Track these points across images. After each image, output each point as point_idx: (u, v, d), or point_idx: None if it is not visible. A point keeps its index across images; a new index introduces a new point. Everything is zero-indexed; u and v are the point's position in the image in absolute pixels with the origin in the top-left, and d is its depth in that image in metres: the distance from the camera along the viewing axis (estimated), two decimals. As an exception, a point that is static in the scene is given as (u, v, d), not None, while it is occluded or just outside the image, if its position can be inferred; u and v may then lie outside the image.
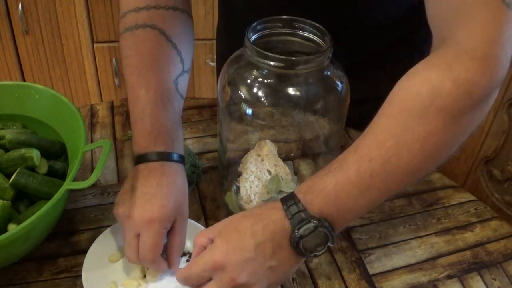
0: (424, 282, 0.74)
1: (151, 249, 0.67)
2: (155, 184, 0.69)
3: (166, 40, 0.78)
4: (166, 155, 0.72)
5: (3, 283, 0.71)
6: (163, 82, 0.76)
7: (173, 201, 0.69)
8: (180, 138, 0.75)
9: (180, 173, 0.73)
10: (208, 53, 1.88)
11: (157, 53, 0.77)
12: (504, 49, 0.58)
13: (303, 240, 0.59)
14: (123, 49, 0.79)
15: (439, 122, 0.58)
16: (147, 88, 0.74)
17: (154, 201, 0.68)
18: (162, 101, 0.74)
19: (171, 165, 0.72)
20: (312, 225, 0.58)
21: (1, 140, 0.78)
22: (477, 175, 1.60)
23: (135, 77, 0.76)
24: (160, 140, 0.72)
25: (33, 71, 1.93)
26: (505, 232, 0.82)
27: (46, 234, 0.74)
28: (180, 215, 0.71)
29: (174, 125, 0.74)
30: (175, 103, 0.76)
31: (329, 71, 0.72)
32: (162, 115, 0.74)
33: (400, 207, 0.85)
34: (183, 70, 0.80)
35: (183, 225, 0.72)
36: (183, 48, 0.80)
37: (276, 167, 0.77)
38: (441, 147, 0.60)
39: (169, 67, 0.77)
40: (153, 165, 0.71)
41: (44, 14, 1.79)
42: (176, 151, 0.73)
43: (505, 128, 1.48)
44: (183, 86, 0.80)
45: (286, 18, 0.72)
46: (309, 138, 0.79)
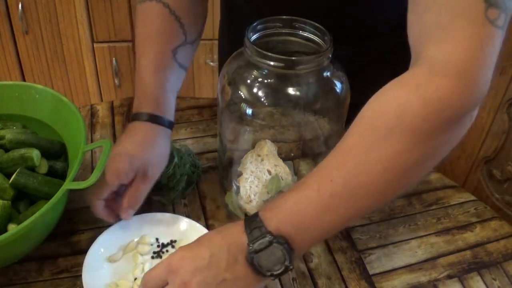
0: (424, 282, 0.74)
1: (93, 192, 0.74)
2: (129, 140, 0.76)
3: (170, 13, 0.82)
4: (151, 116, 0.77)
5: (3, 283, 0.72)
6: (161, 52, 0.81)
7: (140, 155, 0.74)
8: (169, 103, 0.80)
9: (159, 133, 0.77)
10: (208, 53, 1.88)
11: (159, 24, 0.82)
12: (483, 67, 0.53)
13: (258, 256, 0.58)
14: (135, 20, 0.85)
15: (404, 143, 0.54)
16: (144, 57, 0.81)
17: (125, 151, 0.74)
18: (155, 70, 0.80)
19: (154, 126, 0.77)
20: (266, 239, 0.57)
21: (1, 140, 0.78)
22: (477, 175, 1.60)
23: (139, 46, 0.83)
24: (146, 103, 0.78)
25: (33, 71, 1.93)
26: (505, 232, 0.82)
27: (46, 234, 0.74)
28: (143, 171, 0.74)
29: (163, 92, 0.79)
30: (169, 71, 0.81)
31: (329, 71, 0.72)
32: (152, 81, 0.79)
33: (400, 207, 0.85)
34: (185, 41, 0.83)
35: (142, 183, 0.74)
36: (187, 21, 0.83)
37: (276, 167, 0.77)
38: (408, 169, 0.56)
39: (168, 38, 0.82)
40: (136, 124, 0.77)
41: (44, 14, 1.79)
42: (163, 115, 0.78)
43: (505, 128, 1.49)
44: (184, 56, 0.84)
45: (286, 18, 0.72)
46: (309, 138, 0.79)
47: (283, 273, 0.59)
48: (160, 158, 0.77)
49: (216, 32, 1.16)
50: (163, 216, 0.78)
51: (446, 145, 0.57)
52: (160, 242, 0.76)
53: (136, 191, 0.74)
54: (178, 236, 0.77)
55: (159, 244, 0.76)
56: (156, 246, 0.76)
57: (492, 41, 0.52)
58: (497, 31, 0.52)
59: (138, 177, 0.74)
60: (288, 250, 0.58)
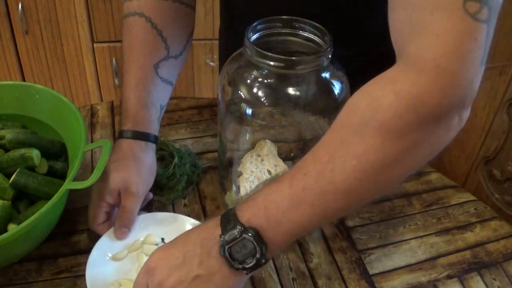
0: (424, 282, 0.74)
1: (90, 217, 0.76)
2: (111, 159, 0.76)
3: (151, 27, 0.82)
4: (128, 132, 0.78)
5: (3, 283, 0.72)
6: (142, 66, 0.81)
7: (115, 177, 0.74)
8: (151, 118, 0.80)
9: (139, 149, 0.78)
10: (208, 53, 1.88)
11: (141, 39, 0.82)
12: (463, 63, 0.50)
13: (229, 247, 0.57)
14: (122, 32, 0.85)
15: (377, 139, 0.53)
16: (128, 72, 0.81)
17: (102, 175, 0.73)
18: (136, 85, 0.80)
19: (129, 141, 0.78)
20: (237, 230, 0.57)
21: (1, 140, 0.78)
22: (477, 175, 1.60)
23: (124, 61, 0.83)
24: (127, 120, 0.79)
25: (33, 71, 1.93)
26: (505, 232, 0.82)
27: (46, 234, 0.74)
28: (125, 191, 0.74)
29: (144, 107, 0.80)
30: (150, 86, 0.81)
31: (329, 71, 0.72)
32: (133, 97, 0.80)
33: (400, 207, 0.85)
34: (167, 55, 0.83)
35: (127, 200, 0.75)
36: (169, 35, 0.83)
37: (276, 167, 0.77)
38: (382, 166, 0.54)
39: (150, 53, 0.82)
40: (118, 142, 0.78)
41: (44, 14, 1.79)
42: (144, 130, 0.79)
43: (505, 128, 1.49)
44: (167, 71, 0.83)
45: (286, 18, 0.72)
46: (309, 138, 0.79)
47: (255, 267, 0.58)
48: (145, 173, 0.77)
49: (216, 32, 1.16)
50: (168, 216, 0.78)
51: (425, 145, 0.54)
52: (165, 242, 0.76)
53: (124, 210, 0.75)
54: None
55: (163, 244, 0.76)
56: (159, 246, 0.76)
57: (473, 35, 0.50)
58: (479, 25, 0.50)
59: (122, 195, 0.75)
60: (259, 243, 0.57)
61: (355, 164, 0.54)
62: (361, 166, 0.54)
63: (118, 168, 0.75)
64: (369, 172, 0.54)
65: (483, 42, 0.51)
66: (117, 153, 0.77)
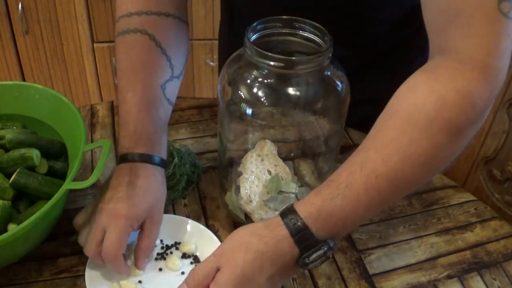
0: (424, 282, 0.74)
1: (113, 244, 0.67)
2: (130, 184, 0.71)
3: (156, 46, 0.79)
4: (146, 156, 0.73)
5: (3, 283, 0.72)
6: (149, 87, 0.77)
7: (144, 202, 0.70)
8: (163, 143, 0.76)
9: (157, 176, 0.74)
10: (208, 53, 1.88)
11: (146, 58, 0.78)
12: (502, 59, 0.57)
13: (309, 265, 0.60)
14: (116, 53, 0.80)
15: (443, 135, 0.57)
16: (133, 92, 0.76)
17: (125, 199, 0.69)
18: (147, 106, 0.76)
19: (150, 167, 0.73)
20: (322, 252, 0.59)
21: (1, 140, 0.78)
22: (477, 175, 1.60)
23: (124, 80, 0.78)
24: (141, 142, 0.74)
25: (33, 71, 1.93)
26: (505, 232, 0.82)
27: (46, 234, 0.74)
28: (150, 218, 0.71)
29: (156, 130, 0.76)
30: (160, 108, 0.77)
31: (329, 71, 0.72)
32: (145, 119, 0.75)
33: (400, 207, 0.85)
34: (172, 75, 0.80)
35: (153, 228, 0.72)
36: (173, 54, 0.80)
37: (276, 167, 0.77)
38: (444, 159, 0.60)
39: (157, 72, 0.78)
40: (132, 165, 0.72)
41: (44, 14, 1.79)
42: (157, 155, 0.74)
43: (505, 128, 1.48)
44: (171, 91, 0.80)
45: (286, 18, 0.72)
46: (309, 138, 0.79)
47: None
48: (162, 198, 0.74)
49: (216, 32, 1.16)
50: (167, 217, 0.78)
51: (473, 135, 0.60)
52: (164, 243, 0.76)
53: (150, 239, 0.72)
54: (182, 238, 0.77)
55: (163, 245, 0.76)
56: (160, 247, 0.76)
57: (508, 33, 0.56)
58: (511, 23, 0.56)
59: (147, 224, 0.71)
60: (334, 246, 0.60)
61: (424, 160, 0.58)
62: (429, 161, 0.58)
63: (142, 195, 0.71)
64: (434, 165, 0.60)
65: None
66: (134, 177, 0.71)
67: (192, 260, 0.74)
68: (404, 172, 0.58)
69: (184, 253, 0.75)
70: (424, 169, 0.59)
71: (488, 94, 0.57)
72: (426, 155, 0.58)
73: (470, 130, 0.59)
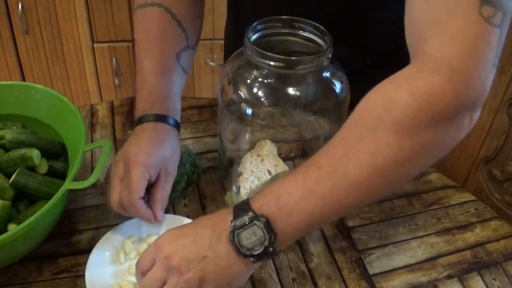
0: (424, 282, 0.74)
1: (132, 189, 0.70)
2: (146, 138, 0.75)
3: (172, 18, 0.83)
4: (160, 117, 0.77)
5: (3, 283, 0.72)
6: (165, 55, 0.81)
7: (160, 154, 0.74)
8: (177, 107, 0.81)
9: (172, 133, 0.78)
10: (208, 53, 1.88)
11: (162, 29, 0.83)
12: (477, 65, 0.53)
13: (238, 233, 0.59)
14: (135, 25, 0.86)
15: (392, 136, 0.55)
16: (150, 59, 0.80)
17: (142, 150, 0.73)
18: (162, 72, 0.80)
19: (165, 126, 0.77)
20: (248, 217, 0.59)
21: (1, 140, 0.78)
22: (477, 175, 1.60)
23: (140, 50, 0.82)
24: (156, 105, 0.78)
25: (33, 71, 1.93)
26: (505, 232, 0.82)
27: (46, 234, 0.74)
28: (165, 170, 0.74)
29: (171, 94, 0.80)
30: (174, 75, 0.81)
31: (329, 71, 0.72)
32: (160, 84, 0.79)
33: (400, 207, 0.85)
34: (187, 45, 0.85)
35: (167, 180, 0.75)
36: (188, 25, 0.85)
37: (276, 167, 0.77)
38: (394, 163, 0.56)
39: (172, 42, 0.83)
40: (147, 124, 0.76)
41: (44, 14, 1.79)
42: (172, 116, 0.78)
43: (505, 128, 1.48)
44: (186, 60, 0.85)
45: (286, 18, 0.72)
46: (309, 138, 0.79)
47: (262, 256, 0.59)
48: (175, 154, 0.78)
49: (216, 32, 1.17)
50: (167, 217, 0.78)
51: (438, 144, 0.56)
52: None
53: (164, 190, 0.75)
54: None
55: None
56: (159, 247, 0.76)
57: (487, 38, 0.52)
58: (493, 29, 0.52)
59: (161, 175, 0.74)
60: (269, 231, 0.58)
61: (368, 159, 0.55)
62: (374, 162, 0.55)
63: (157, 147, 0.74)
64: (382, 168, 0.56)
65: (495, 46, 0.53)
66: (150, 132, 0.75)
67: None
68: (346, 168, 0.56)
69: (184, 253, 0.75)
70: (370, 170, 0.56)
71: (451, 99, 0.53)
72: (371, 154, 0.55)
73: (429, 135, 0.55)
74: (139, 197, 0.71)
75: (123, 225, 0.76)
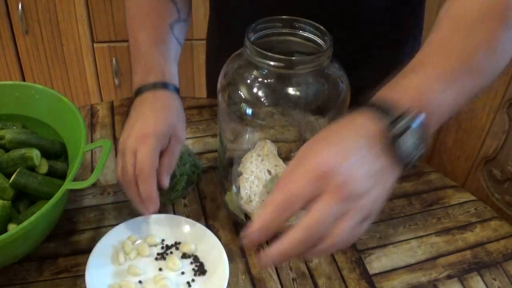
0: (424, 282, 0.74)
1: (145, 161, 0.70)
2: (149, 108, 0.75)
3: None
4: (159, 84, 0.77)
5: (3, 283, 0.72)
6: (159, 26, 0.84)
7: (167, 121, 0.74)
8: (174, 73, 0.81)
9: (174, 98, 0.78)
10: (208, 53, 1.88)
11: (153, 3, 0.86)
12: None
13: (400, 139, 0.52)
14: (126, 2, 0.88)
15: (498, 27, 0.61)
16: (143, 31, 0.83)
17: (149, 120, 0.73)
18: (156, 42, 0.82)
19: (166, 92, 0.77)
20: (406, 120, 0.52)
21: (1, 140, 0.78)
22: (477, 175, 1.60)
23: (134, 24, 0.85)
24: (153, 73, 0.78)
25: (33, 71, 1.93)
26: (505, 232, 0.82)
27: (46, 234, 0.74)
28: (174, 136, 0.74)
29: (167, 62, 0.81)
30: (169, 44, 0.83)
31: (329, 71, 0.72)
32: (155, 53, 0.80)
33: (400, 207, 0.85)
34: (179, 18, 0.87)
35: (176, 146, 0.75)
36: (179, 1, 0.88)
37: (276, 167, 0.77)
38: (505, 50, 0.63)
39: (164, 15, 0.86)
40: (147, 94, 0.76)
41: (44, 14, 1.79)
42: (170, 82, 0.78)
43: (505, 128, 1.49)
44: (179, 32, 0.87)
45: (286, 18, 0.72)
46: (309, 138, 0.79)
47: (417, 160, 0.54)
48: (182, 119, 0.78)
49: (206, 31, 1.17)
50: (167, 217, 0.78)
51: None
52: (164, 243, 0.76)
53: (173, 155, 0.75)
54: (182, 238, 0.77)
55: (163, 245, 0.76)
56: (160, 247, 0.76)
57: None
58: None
59: (172, 141, 0.74)
60: (425, 131, 0.53)
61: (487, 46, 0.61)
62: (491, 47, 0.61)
63: (163, 113, 0.74)
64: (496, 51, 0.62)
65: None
66: (152, 103, 0.75)
67: (192, 260, 0.74)
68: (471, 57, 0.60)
69: (184, 253, 0.75)
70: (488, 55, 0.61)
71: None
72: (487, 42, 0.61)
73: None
74: (155, 168, 0.71)
75: (123, 225, 0.76)
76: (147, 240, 0.76)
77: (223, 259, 0.72)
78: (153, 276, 0.72)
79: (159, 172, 0.72)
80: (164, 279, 0.71)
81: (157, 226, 0.77)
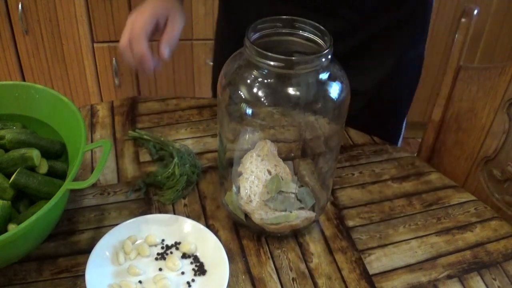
0: (424, 282, 0.74)
1: (138, 26, 0.80)
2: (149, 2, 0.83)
3: None
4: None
5: (3, 283, 0.72)
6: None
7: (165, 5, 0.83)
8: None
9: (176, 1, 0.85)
10: (208, 53, 1.88)
11: None
12: None
13: None
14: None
15: None
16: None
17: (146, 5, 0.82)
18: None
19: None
20: None
21: (1, 140, 0.78)
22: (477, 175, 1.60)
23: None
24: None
25: (33, 71, 1.93)
26: (505, 232, 0.82)
27: (46, 234, 0.74)
28: (172, 17, 0.82)
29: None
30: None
31: (329, 71, 0.72)
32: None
33: (400, 207, 0.85)
34: None
35: (175, 21, 0.83)
36: None
37: (276, 167, 0.77)
38: None
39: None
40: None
41: (44, 14, 1.79)
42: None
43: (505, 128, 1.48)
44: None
45: (286, 18, 0.72)
46: (309, 138, 0.79)
47: None
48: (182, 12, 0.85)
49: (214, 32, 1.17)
50: (167, 217, 0.78)
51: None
52: (164, 243, 0.76)
53: (172, 32, 0.82)
54: (182, 238, 0.77)
55: (163, 245, 0.76)
56: (160, 247, 0.76)
57: None
58: None
59: (169, 21, 0.82)
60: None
61: None
62: None
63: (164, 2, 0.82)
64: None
65: None
66: None
67: (192, 260, 0.74)
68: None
69: (184, 253, 0.75)
70: None
71: None
72: None
73: None
74: (146, 32, 0.79)
75: (123, 225, 0.76)
76: (147, 240, 0.76)
77: (223, 259, 0.72)
78: (153, 276, 0.72)
79: (160, 41, 0.81)
80: (164, 279, 0.71)
81: (157, 226, 0.77)
